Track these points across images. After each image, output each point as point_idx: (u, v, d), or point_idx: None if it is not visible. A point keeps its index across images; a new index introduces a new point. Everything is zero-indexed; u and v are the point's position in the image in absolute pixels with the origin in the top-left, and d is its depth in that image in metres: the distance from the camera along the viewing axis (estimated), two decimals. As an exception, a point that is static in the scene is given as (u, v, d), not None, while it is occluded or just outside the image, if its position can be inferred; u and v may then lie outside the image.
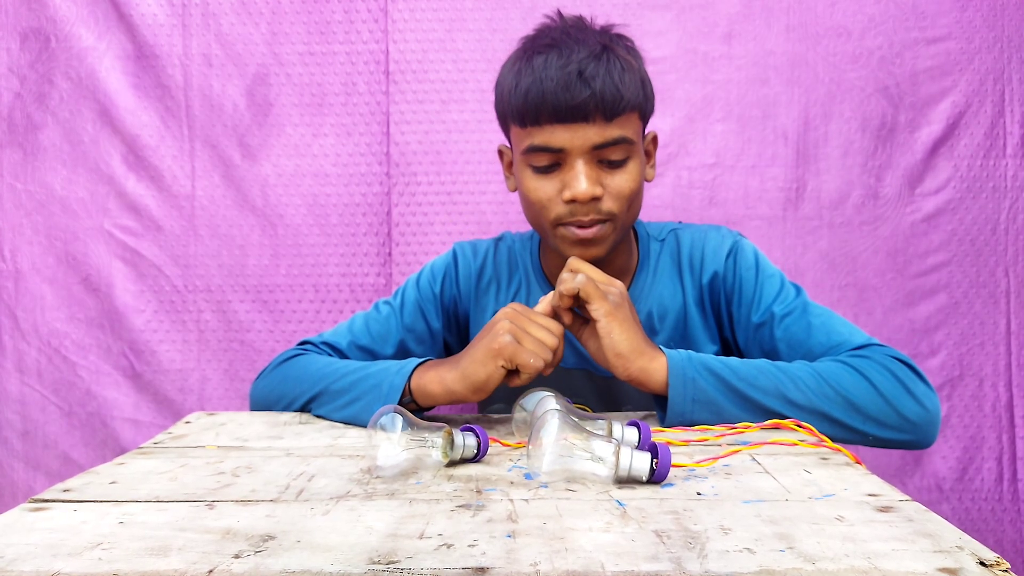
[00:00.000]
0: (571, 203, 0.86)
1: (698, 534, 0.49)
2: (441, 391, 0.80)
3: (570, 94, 0.82)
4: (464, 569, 0.44)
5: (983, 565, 0.43)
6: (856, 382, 0.78)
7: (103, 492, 0.60)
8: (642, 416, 0.85)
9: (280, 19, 1.32)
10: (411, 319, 1.00)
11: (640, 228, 1.03)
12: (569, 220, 0.87)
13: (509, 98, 0.87)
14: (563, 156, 0.85)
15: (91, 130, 1.32)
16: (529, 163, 0.88)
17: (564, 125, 0.84)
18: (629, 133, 0.86)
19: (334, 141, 1.33)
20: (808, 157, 1.29)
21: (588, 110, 0.82)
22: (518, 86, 0.85)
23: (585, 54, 0.83)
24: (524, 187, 0.90)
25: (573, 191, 0.84)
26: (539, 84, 0.83)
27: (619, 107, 0.84)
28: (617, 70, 0.84)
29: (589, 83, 0.82)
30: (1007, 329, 1.29)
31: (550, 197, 0.87)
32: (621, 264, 0.98)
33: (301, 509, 0.55)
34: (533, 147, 0.86)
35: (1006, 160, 1.29)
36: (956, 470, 1.30)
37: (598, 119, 0.83)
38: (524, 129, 0.87)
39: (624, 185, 0.87)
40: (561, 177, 0.86)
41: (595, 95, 0.82)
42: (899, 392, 0.78)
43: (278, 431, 0.81)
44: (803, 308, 0.90)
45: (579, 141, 0.84)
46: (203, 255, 1.34)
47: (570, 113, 0.83)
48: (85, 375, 1.34)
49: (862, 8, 1.28)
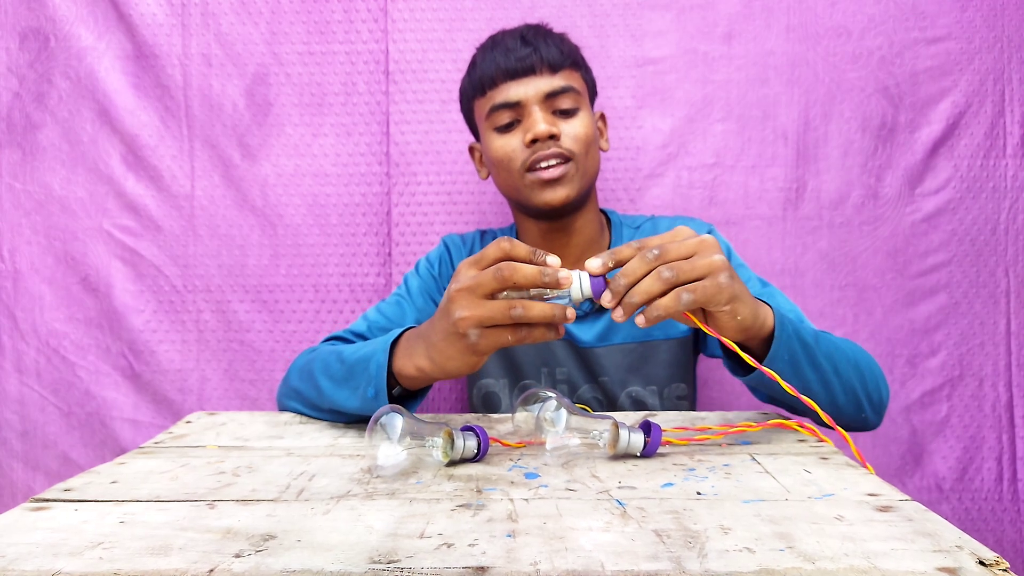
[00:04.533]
0: (533, 144, 0.96)
1: (698, 533, 0.49)
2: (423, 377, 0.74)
3: (516, 53, 0.97)
4: (464, 568, 0.44)
5: (983, 565, 0.43)
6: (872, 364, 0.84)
7: (104, 492, 0.60)
8: (642, 417, 0.85)
9: (280, 19, 1.32)
10: (420, 302, 1.07)
11: (613, 216, 1.12)
12: (533, 161, 0.96)
13: (469, 79, 1.03)
14: (520, 111, 0.97)
15: (90, 130, 1.32)
16: (493, 126, 0.99)
17: (516, 80, 0.97)
18: (575, 84, 0.99)
19: (334, 141, 1.33)
20: (808, 157, 1.29)
21: (534, 63, 0.97)
22: (475, 66, 1.02)
23: (526, 27, 1.02)
24: (491, 149, 1.00)
25: (533, 131, 0.95)
26: (491, 55, 0.99)
27: (561, 62, 0.98)
28: (554, 37, 1.00)
29: (531, 42, 0.98)
30: (1007, 329, 1.30)
31: (514, 148, 0.98)
32: (591, 237, 1.06)
33: (302, 509, 0.55)
34: (494, 107, 0.98)
35: (1006, 160, 1.29)
36: (956, 470, 1.30)
37: (544, 71, 0.97)
38: (484, 96, 1.00)
39: (579, 130, 0.98)
40: (522, 129, 0.98)
41: (537, 50, 0.97)
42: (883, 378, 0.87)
43: (279, 431, 0.81)
44: (771, 296, 0.97)
45: (531, 91, 0.97)
46: (202, 255, 1.34)
47: (519, 68, 0.97)
48: (84, 375, 1.34)
49: (862, 8, 1.28)
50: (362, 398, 0.77)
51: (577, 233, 1.04)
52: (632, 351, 1.04)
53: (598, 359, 1.04)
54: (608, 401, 1.05)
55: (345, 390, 0.80)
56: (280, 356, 1.34)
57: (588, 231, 1.05)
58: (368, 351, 0.78)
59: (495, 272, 0.62)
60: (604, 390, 1.05)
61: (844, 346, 0.82)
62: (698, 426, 0.78)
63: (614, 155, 1.31)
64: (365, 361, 0.77)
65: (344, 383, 0.80)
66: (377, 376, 0.74)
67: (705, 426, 0.77)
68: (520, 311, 0.62)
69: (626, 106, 1.30)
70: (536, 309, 0.63)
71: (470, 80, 1.03)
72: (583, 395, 1.05)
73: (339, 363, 0.83)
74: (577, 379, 1.06)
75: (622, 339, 1.04)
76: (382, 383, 0.74)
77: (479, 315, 0.63)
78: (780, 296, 0.99)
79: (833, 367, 0.76)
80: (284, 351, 1.34)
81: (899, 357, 1.30)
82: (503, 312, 0.63)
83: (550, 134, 0.95)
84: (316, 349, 0.94)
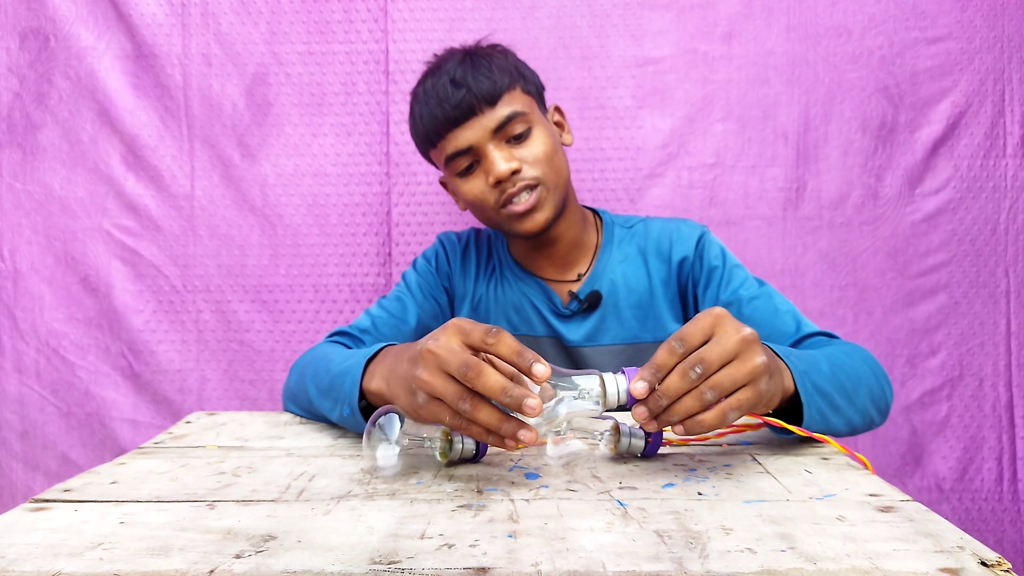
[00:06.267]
0: (498, 185, 0.96)
1: (699, 534, 0.49)
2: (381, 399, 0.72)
3: (450, 99, 0.95)
4: (465, 569, 0.44)
5: (984, 565, 0.43)
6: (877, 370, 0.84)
7: (104, 492, 0.60)
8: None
9: (279, 19, 1.32)
10: (421, 297, 1.07)
11: (605, 215, 1.11)
12: (504, 200, 0.96)
13: (415, 131, 1.02)
14: (475, 152, 0.96)
15: (90, 130, 1.32)
16: (455, 172, 0.99)
17: (460, 127, 0.96)
18: (518, 107, 0.97)
19: (334, 141, 1.33)
20: (808, 157, 1.29)
21: (471, 104, 0.94)
22: (415, 117, 1.00)
23: (451, 65, 0.97)
24: (461, 192, 1.00)
25: (494, 173, 0.95)
26: (427, 106, 0.97)
27: (496, 91, 0.95)
28: (483, 65, 0.97)
29: (461, 84, 0.95)
30: (1007, 329, 1.30)
31: (482, 190, 0.97)
32: (575, 239, 1.06)
33: (302, 509, 0.55)
34: (448, 156, 0.98)
35: (1006, 160, 1.29)
36: (956, 470, 1.30)
37: (483, 108, 0.95)
38: (436, 147, 1.00)
39: (536, 150, 0.97)
40: (482, 170, 0.97)
41: (470, 91, 0.94)
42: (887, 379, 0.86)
43: (279, 431, 0.81)
44: (769, 295, 0.98)
45: (479, 133, 0.95)
46: (202, 255, 1.33)
47: (458, 114, 0.95)
48: (84, 375, 1.34)
49: (862, 8, 1.28)
50: (339, 416, 0.76)
51: (560, 238, 1.04)
52: (621, 352, 1.04)
53: (585, 359, 1.05)
54: None
55: (328, 401, 0.79)
56: (280, 356, 1.34)
57: (571, 234, 1.06)
58: (348, 364, 0.77)
59: (460, 365, 0.57)
60: None
61: (851, 363, 0.80)
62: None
63: (614, 155, 1.31)
64: (343, 376, 0.76)
65: (326, 395, 0.79)
66: (351, 394, 0.73)
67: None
68: (466, 407, 0.58)
69: (626, 106, 1.30)
70: (483, 413, 0.58)
71: (416, 133, 1.02)
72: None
73: (325, 372, 0.82)
74: None
75: (611, 340, 1.05)
76: (355, 402, 0.72)
77: (432, 386, 0.59)
78: (777, 296, 0.99)
79: (848, 399, 0.75)
80: (284, 351, 1.34)
81: (899, 357, 1.30)
82: (452, 398, 0.59)
83: (511, 171, 0.94)
84: (315, 349, 0.93)
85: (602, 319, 1.04)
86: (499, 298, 1.08)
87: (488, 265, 1.11)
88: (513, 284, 1.08)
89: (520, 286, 1.08)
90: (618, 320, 1.04)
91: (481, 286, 1.10)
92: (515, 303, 1.07)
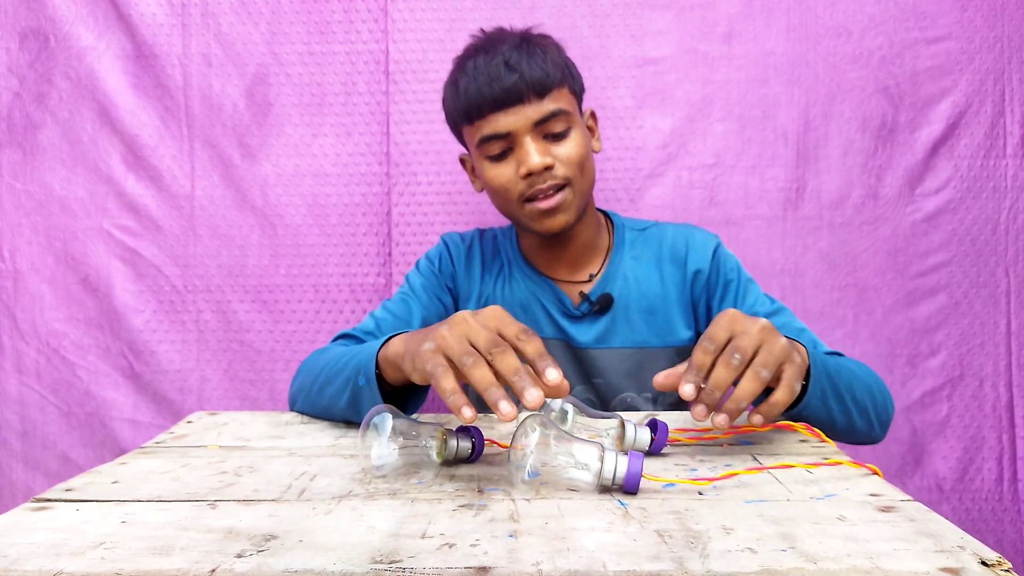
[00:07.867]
0: (528, 177, 0.94)
1: (700, 534, 0.49)
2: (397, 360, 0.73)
3: (501, 82, 0.93)
4: (466, 569, 0.44)
5: (985, 565, 0.43)
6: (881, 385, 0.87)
7: (105, 492, 0.60)
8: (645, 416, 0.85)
9: (280, 19, 1.32)
10: (425, 298, 1.07)
11: (616, 218, 1.11)
12: (531, 194, 0.95)
13: (454, 103, 0.99)
14: (511, 139, 0.95)
15: (90, 130, 1.32)
16: (485, 155, 0.97)
17: (504, 111, 0.94)
18: (563, 105, 0.96)
19: (334, 141, 1.33)
20: (808, 157, 1.29)
21: (520, 91, 0.93)
22: (458, 90, 0.97)
23: (507, 47, 0.95)
24: (486, 178, 0.99)
25: (527, 165, 0.93)
26: (474, 82, 0.94)
27: (547, 84, 0.94)
28: (538, 54, 0.95)
29: (515, 68, 0.93)
30: (1007, 329, 1.30)
31: (509, 179, 0.96)
32: (588, 240, 1.06)
33: (303, 509, 0.55)
34: (484, 138, 0.96)
35: (1006, 160, 1.29)
36: (956, 470, 1.30)
37: (532, 98, 0.93)
38: (472, 125, 0.97)
39: (572, 151, 0.96)
40: (515, 158, 0.95)
41: (523, 77, 0.93)
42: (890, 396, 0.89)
43: (280, 431, 0.81)
44: (782, 311, 0.99)
45: (521, 121, 0.94)
46: (202, 255, 1.34)
47: (506, 98, 0.93)
48: (84, 375, 1.34)
49: (862, 8, 1.28)
50: (352, 393, 0.77)
51: (575, 238, 1.04)
52: (630, 356, 1.04)
53: (594, 361, 1.04)
54: (601, 404, 1.05)
55: (339, 381, 0.80)
56: (280, 356, 1.34)
57: (585, 235, 1.06)
58: (365, 345, 0.80)
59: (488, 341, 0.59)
60: (598, 392, 1.05)
61: (857, 370, 0.84)
62: (701, 426, 0.78)
63: (614, 155, 1.31)
64: (359, 353, 0.79)
65: (339, 374, 0.81)
66: (367, 365, 0.75)
67: (708, 427, 0.77)
68: (469, 361, 0.59)
69: (626, 106, 1.30)
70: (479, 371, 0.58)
71: (455, 105, 0.99)
72: (577, 395, 1.05)
73: (336, 359, 0.84)
74: (572, 379, 1.05)
75: (620, 343, 1.04)
76: (371, 371, 0.74)
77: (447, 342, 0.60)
78: (788, 313, 1.00)
79: (852, 394, 0.78)
80: (284, 351, 1.34)
81: (899, 357, 1.30)
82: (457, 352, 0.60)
83: (545, 166, 0.93)
84: (327, 349, 0.94)
85: (612, 322, 1.04)
86: (507, 296, 1.08)
87: (495, 263, 1.11)
88: (522, 283, 1.08)
89: (529, 285, 1.07)
90: (628, 323, 1.04)
91: (488, 284, 1.09)
92: (523, 302, 1.07)
